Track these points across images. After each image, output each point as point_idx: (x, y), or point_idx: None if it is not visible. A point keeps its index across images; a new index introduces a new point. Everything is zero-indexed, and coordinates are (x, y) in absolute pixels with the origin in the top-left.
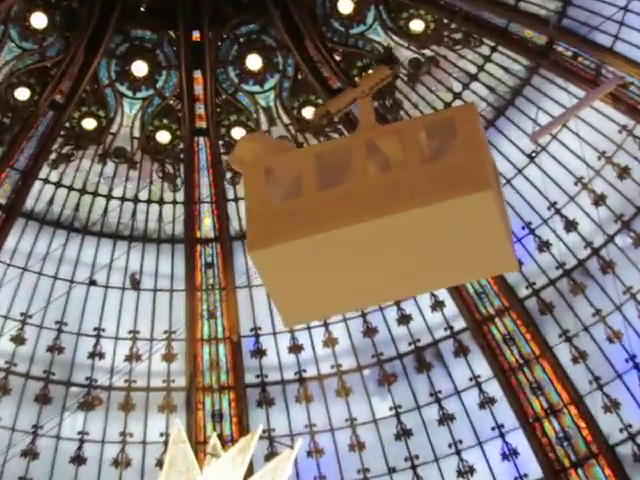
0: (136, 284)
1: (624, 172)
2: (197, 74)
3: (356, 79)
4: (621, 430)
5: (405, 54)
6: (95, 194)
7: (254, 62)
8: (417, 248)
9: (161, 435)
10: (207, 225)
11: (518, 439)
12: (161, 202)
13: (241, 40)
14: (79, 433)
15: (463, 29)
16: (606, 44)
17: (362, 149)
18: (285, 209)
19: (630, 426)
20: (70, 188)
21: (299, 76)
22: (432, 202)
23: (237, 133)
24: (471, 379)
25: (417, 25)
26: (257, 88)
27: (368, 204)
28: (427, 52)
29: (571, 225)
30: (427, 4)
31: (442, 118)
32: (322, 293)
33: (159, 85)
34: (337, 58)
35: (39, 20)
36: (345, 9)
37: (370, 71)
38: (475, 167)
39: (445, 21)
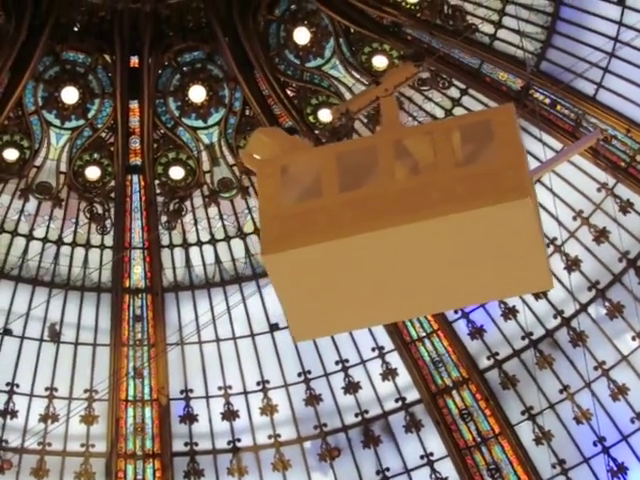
0: (56, 336)
1: (601, 235)
2: (133, 104)
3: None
4: None
5: None
6: (14, 233)
7: (198, 94)
8: (446, 259)
9: None
10: (137, 274)
11: None
12: (87, 246)
13: (184, 69)
14: None
15: (431, 68)
16: (588, 92)
17: (389, 150)
18: (303, 210)
19: None
20: None
21: (247, 112)
22: (466, 209)
23: (175, 173)
24: (423, 457)
25: (380, 61)
26: (200, 123)
27: (395, 209)
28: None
29: (541, 291)
30: (392, 39)
31: (478, 119)
32: (338, 306)
33: (91, 115)
34: (290, 94)
35: None
36: (301, 39)
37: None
38: (514, 173)
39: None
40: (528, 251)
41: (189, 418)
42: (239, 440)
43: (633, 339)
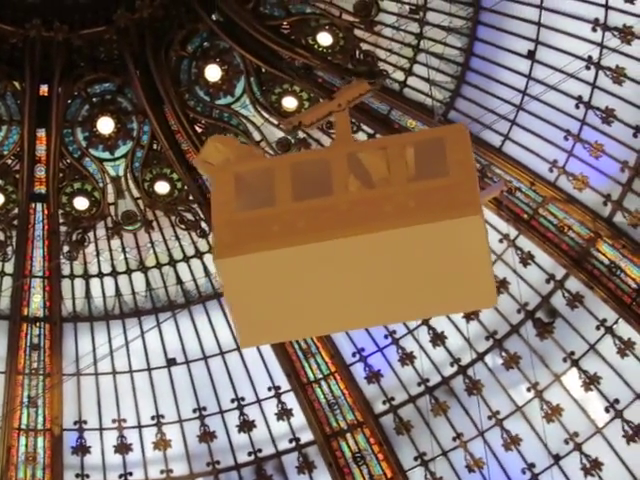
0: None
1: (501, 286)
2: (41, 133)
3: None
4: None
5: (274, 133)
6: None
7: (106, 125)
8: (396, 272)
9: None
10: (36, 302)
11: None
12: None
13: (94, 100)
14: None
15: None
16: (495, 143)
17: (343, 162)
18: (256, 218)
19: None
20: None
21: (154, 146)
22: (418, 223)
23: (79, 203)
24: None
25: (290, 102)
26: (107, 155)
27: (348, 220)
28: (298, 133)
29: (439, 338)
30: (303, 80)
31: (431, 137)
32: (288, 313)
33: None
34: (198, 130)
35: None
36: (212, 77)
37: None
38: (466, 190)
39: (321, 101)
40: (475, 268)
41: (82, 449)
42: (131, 474)
43: (528, 390)
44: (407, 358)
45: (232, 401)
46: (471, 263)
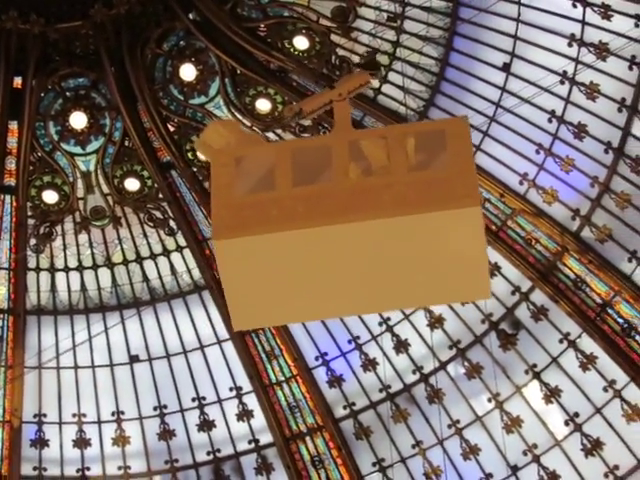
0: None
1: None
2: (13, 125)
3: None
4: None
5: None
6: None
7: (78, 120)
8: (392, 260)
9: None
10: (1, 294)
11: None
12: None
13: (67, 94)
14: None
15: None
16: None
17: (344, 149)
18: (255, 202)
19: None
20: None
21: (126, 142)
22: (417, 212)
23: (49, 197)
24: None
25: (263, 105)
26: (78, 149)
27: (347, 207)
28: (271, 136)
29: (402, 345)
30: (278, 83)
31: (432, 128)
32: (282, 297)
33: None
34: (171, 128)
35: None
36: (187, 76)
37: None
38: (465, 182)
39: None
40: (471, 259)
41: (40, 442)
42: (88, 469)
43: (489, 401)
44: (370, 364)
45: (193, 400)
46: (467, 255)
